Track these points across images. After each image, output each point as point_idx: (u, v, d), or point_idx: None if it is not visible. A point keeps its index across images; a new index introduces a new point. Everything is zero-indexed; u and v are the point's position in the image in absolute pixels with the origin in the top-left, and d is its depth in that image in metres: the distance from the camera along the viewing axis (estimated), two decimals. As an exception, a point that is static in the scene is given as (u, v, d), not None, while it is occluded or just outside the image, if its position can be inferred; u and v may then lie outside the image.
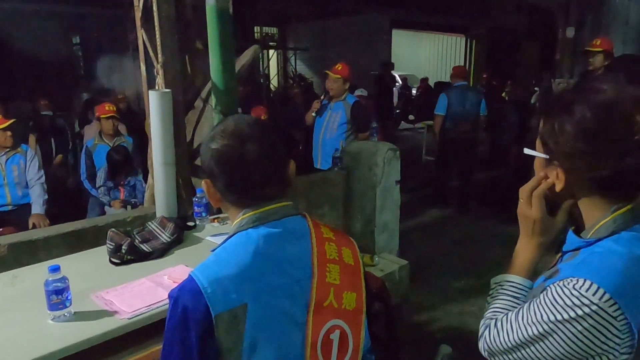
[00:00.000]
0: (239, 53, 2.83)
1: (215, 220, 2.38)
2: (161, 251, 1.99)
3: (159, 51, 2.35)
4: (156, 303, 1.58)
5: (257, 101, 7.37)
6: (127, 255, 1.90)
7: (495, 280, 1.04)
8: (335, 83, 4.23)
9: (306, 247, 1.08)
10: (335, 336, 1.07)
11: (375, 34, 12.46)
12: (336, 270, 1.10)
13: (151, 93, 2.30)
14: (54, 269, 1.47)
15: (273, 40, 13.42)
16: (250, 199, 1.05)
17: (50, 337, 1.40)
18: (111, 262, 1.91)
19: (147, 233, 2.08)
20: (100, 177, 4.24)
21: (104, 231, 2.27)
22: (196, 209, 2.37)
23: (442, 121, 5.59)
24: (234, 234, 1.07)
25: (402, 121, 12.60)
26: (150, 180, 2.69)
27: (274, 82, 13.52)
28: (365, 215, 3.66)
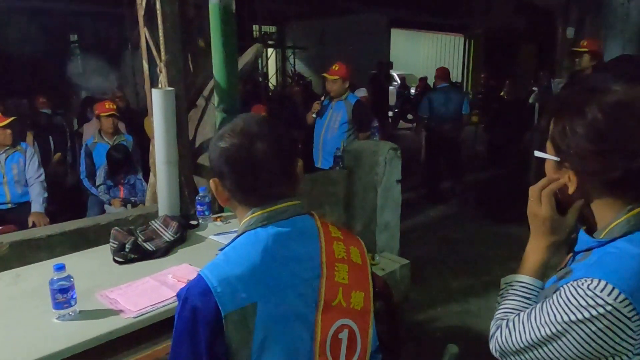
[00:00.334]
0: (238, 52, 2.82)
1: (218, 219, 2.37)
2: (164, 250, 1.98)
3: (162, 49, 2.34)
4: (161, 302, 1.57)
5: (257, 100, 7.36)
6: (131, 254, 1.90)
7: (506, 280, 1.04)
8: (335, 84, 4.23)
9: (315, 247, 1.08)
10: (344, 335, 1.07)
11: (374, 34, 12.46)
12: (344, 270, 1.10)
13: (154, 91, 2.30)
14: (59, 268, 1.46)
15: (272, 39, 13.40)
16: (259, 198, 1.05)
17: (55, 336, 1.40)
18: (115, 261, 1.90)
19: (151, 232, 2.08)
20: (100, 176, 4.23)
21: (106, 230, 2.27)
22: (199, 208, 2.36)
23: (425, 123, 6.05)
24: (243, 233, 1.06)
25: (401, 120, 12.60)
26: (152, 179, 2.68)
27: (272, 81, 13.50)
28: (366, 214, 3.66)
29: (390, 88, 12.15)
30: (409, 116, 12.82)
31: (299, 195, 1.11)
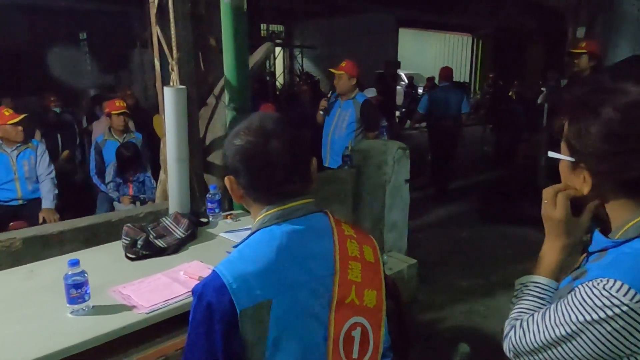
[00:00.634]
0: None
1: (228, 216, 2.38)
2: (176, 247, 1.99)
3: (174, 48, 2.36)
4: (173, 298, 1.59)
5: (264, 99, 7.37)
6: (143, 251, 1.91)
7: (520, 281, 1.04)
8: (340, 80, 4.24)
9: (329, 245, 1.08)
10: (356, 333, 1.08)
11: (382, 33, 12.43)
12: (358, 268, 1.10)
13: (166, 89, 2.31)
14: (74, 263, 1.48)
15: (279, 38, 13.41)
16: (274, 196, 1.06)
17: (69, 331, 1.41)
18: (127, 257, 1.91)
19: (162, 229, 2.09)
20: (109, 173, 4.26)
21: (116, 226, 2.28)
22: (209, 206, 2.38)
23: (422, 118, 6.49)
24: (257, 230, 1.07)
25: (408, 120, 12.57)
26: (163, 176, 2.70)
27: (279, 80, 13.51)
28: (374, 213, 3.66)
29: (398, 88, 12.13)
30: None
31: (311, 194, 1.12)
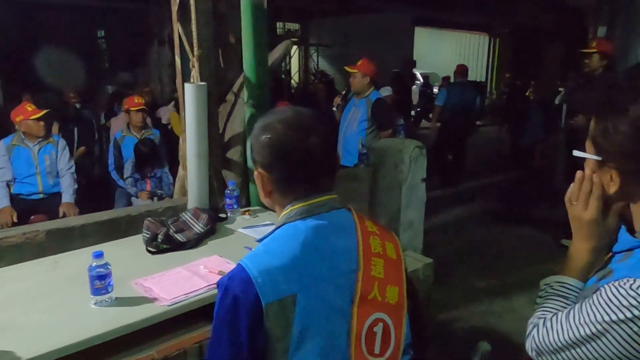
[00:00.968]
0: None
1: (247, 212, 2.40)
2: (195, 241, 2.02)
3: (195, 45, 2.38)
4: (194, 291, 1.61)
5: (280, 96, 7.40)
6: (163, 245, 1.94)
7: (545, 281, 1.03)
8: (354, 78, 4.25)
9: (352, 240, 1.09)
10: (378, 329, 1.08)
11: (398, 32, 12.40)
12: (380, 264, 1.11)
13: (187, 86, 2.33)
14: (98, 255, 1.50)
15: (295, 36, 13.43)
16: (306, 190, 1.07)
17: (93, 321, 1.44)
18: (147, 251, 1.94)
19: (182, 223, 2.12)
20: (127, 169, 4.31)
21: (136, 221, 2.32)
22: (227, 201, 2.40)
23: (441, 111, 6.66)
24: (282, 225, 1.08)
25: (423, 119, 12.51)
26: (181, 172, 2.72)
27: (295, 78, 13.54)
28: (390, 212, 3.65)
29: (413, 87, 12.07)
30: (431, 115, 12.72)
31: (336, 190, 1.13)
